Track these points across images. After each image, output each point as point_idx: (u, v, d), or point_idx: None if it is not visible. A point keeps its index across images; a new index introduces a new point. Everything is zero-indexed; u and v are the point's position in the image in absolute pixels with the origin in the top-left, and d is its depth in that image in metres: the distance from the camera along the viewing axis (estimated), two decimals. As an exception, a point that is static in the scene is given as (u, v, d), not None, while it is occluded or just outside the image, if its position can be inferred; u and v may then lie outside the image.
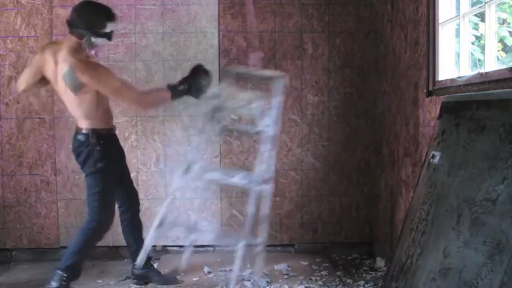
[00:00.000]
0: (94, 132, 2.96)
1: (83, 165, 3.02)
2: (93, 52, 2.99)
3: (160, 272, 3.39)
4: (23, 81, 3.09)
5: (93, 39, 2.90)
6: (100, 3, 3.02)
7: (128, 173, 3.33)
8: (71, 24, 2.90)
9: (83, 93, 2.88)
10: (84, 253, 3.04)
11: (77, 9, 2.92)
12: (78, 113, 2.98)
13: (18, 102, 3.80)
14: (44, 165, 3.83)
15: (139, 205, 3.36)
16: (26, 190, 3.84)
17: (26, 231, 3.85)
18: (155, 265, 3.68)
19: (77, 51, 2.89)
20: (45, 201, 3.85)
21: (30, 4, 3.77)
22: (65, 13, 3.77)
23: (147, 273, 3.33)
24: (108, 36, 2.98)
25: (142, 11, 3.85)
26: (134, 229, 3.30)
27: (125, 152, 3.39)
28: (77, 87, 2.86)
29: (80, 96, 2.89)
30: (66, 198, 3.84)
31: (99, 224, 3.02)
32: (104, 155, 2.98)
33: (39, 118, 3.81)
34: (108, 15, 2.96)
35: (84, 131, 2.97)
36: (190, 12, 3.87)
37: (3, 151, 3.82)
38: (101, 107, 2.99)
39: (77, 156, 3.03)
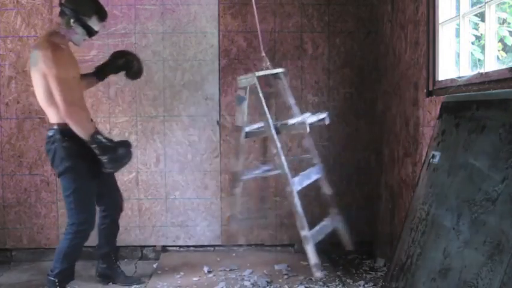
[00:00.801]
0: (59, 127, 2.83)
1: (52, 163, 2.92)
2: (67, 36, 2.92)
3: (125, 274, 3.36)
4: None
5: (72, 22, 2.87)
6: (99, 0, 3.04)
7: (113, 176, 3.23)
8: (61, 4, 2.90)
9: (38, 73, 2.78)
10: (73, 257, 2.98)
11: None
12: (45, 104, 2.87)
13: (18, 102, 3.80)
14: (44, 165, 3.83)
15: (121, 211, 3.33)
16: (26, 190, 3.84)
17: (26, 231, 3.85)
18: (154, 265, 3.69)
19: (54, 33, 2.90)
20: (45, 201, 3.85)
21: (30, 4, 3.77)
22: (65, 13, 3.79)
23: (112, 273, 3.32)
24: (89, 30, 2.94)
25: (142, 11, 3.85)
26: (111, 233, 3.29)
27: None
28: (33, 64, 2.79)
29: (37, 79, 2.80)
30: (66, 198, 3.84)
31: (80, 227, 2.92)
32: (71, 153, 2.84)
33: (39, 118, 3.81)
34: (99, 10, 2.97)
35: (53, 127, 2.86)
36: (190, 12, 3.87)
37: (3, 151, 3.82)
38: (69, 99, 2.81)
39: (46, 153, 2.93)
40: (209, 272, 3.49)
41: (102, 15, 2.99)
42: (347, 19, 3.92)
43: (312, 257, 3.11)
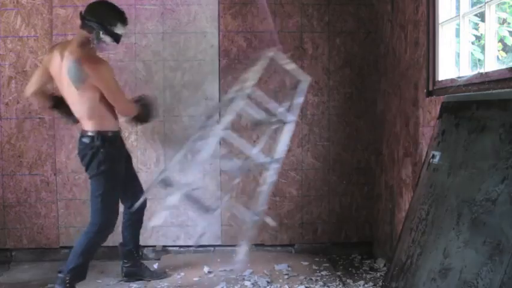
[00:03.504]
0: (99, 134, 2.96)
1: (87, 167, 3.03)
2: (97, 47, 3.03)
3: (149, 268, 3.46)
4: (31, 84, 3.11)
5: (101, 34, 2.96)
6: (116, 5, 3.07)
7: (135, 175, 3.36)
8: (84, 17, 2.95)
9: (85, 88, 2.88)
10: (89, 256, 3.04)
11: (93, 4, 3.00)
12: (82, 113, 2.98)
13: (18, 102, 3.80)
14: (44, 165, 3.83)
15: (145, 207, 3.38)
16: (26, 190, 3.84)
17: (26, 231, 3.85)
18: (155, 265, 3.69)
19: (84, 45, 2.95)
20: (45, 201, 3.85)
21: (30, 4, 3.77)
22: (65, 13, 3.79)
23: (137, 270, 3.39)
24: (116, 37, 3.04)
25: (142, 11, 3.85)
26: (135, 230, 3.37)
27: (125, 152, 3.41)
28: (81, 80, 2.86)
29: (83, 93, 2.90)
30: (66, 198, 3.84)
31: (102, 227, 3.02)
32: (107, 158, 2.98)
33: (39, 118, 3.81)
34: (121, 17, 3.05)
35: (89, 133, 2.97)
36: (190, 12, 3.87)
37: (3, 151, 3.82)
38: (105, 107, 2.98)
39: (82, 158, 3.04)
40: (209, 272, 3.49)
41: (125, 21, 3.08)
42: (347, 19, 3.92)
43: None
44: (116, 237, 3.67)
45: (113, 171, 3.02)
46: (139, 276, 3.38)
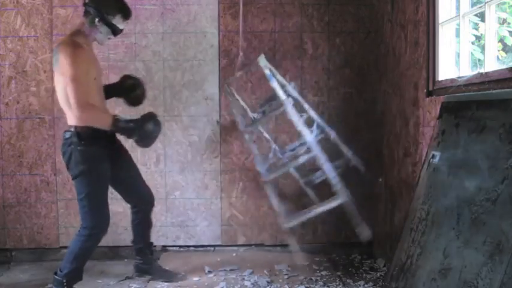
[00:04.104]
0: (76, 130, 2.80)
1: (67, 166, 2.90)
2: (90, 34, 2.90)
3: (162, 268, 3.40)
4: None
5: (96, 20, 2.85)
6: None
7: (138, 173, 3.23)
8: (85, 4, 2.88)
9: (57, 71, 2.78)
10: (83, 259, 2.96)
11: None
12: (60, 102, 2.86)
13: (18, 102, 3.80)
14: (44, 165, 3.83)
15: (153, 205, 3.30)
16: (26, 190, 3.84)
17: (26, 231, 3.85)
18: (155, 265, 3.69)
19: (77, 32, 2.89)
20: (45, 201, 3.85)
21: (30, 4, 3.77)
22: (65, 13, 3.79)
23: (148, 268, 3.34)
24: (113, 29, 2.92)
25: (142, 11, 3.85)
26: (144, 228, 3.29)
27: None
28: (54, 64, 2.79)
29: (57, 78, 2.80)
30: (66, 198, 3.84)
31: (93, 231, 2.89)
32: (85, 157, 2.81)
33: (39, 118, 3.81)
34: (122, 9, 2.94)
35: (70, 129, 2.83)
36: (190, 12, 3.87)
37: (3, 151, 3.82)
38: (82, 102, 2.75)
39: (62, 155, 2.92)
40: (209, 272, 3.49)
41: (126, 13, 2.96)
42: (347, 19, 3.92)
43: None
44: (115, 237, 3.68)
45: (94, 172, 2.84)
46: (149, 274, 3.33)
